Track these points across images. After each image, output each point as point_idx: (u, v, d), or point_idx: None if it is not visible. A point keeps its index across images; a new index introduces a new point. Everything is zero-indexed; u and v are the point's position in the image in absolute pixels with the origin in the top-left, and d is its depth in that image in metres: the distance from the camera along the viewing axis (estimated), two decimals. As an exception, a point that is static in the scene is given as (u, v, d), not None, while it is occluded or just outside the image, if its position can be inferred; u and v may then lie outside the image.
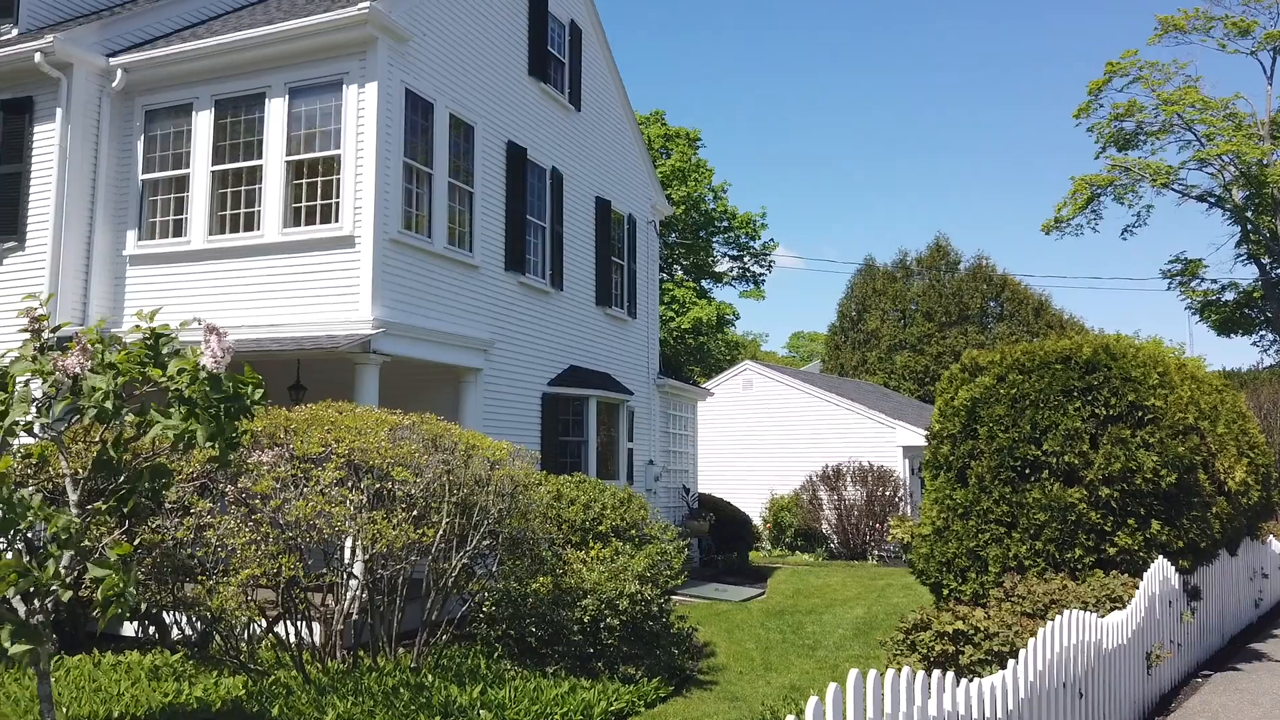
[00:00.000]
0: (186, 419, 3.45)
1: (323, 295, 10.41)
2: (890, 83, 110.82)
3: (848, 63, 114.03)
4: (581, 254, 15.19)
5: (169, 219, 11.37)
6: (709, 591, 14.36)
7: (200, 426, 3.46)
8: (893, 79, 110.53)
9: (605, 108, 16.40)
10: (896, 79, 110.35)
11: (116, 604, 3.21)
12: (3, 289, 11.06)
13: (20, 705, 6.01)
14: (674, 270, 37.74)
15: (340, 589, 7.26)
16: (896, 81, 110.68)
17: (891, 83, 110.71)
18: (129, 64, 11.31)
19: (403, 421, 7.77)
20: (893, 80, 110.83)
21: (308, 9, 11.24)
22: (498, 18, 13.06)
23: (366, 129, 10.32)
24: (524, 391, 13.25)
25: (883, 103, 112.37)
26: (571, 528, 9.09)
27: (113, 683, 6.44)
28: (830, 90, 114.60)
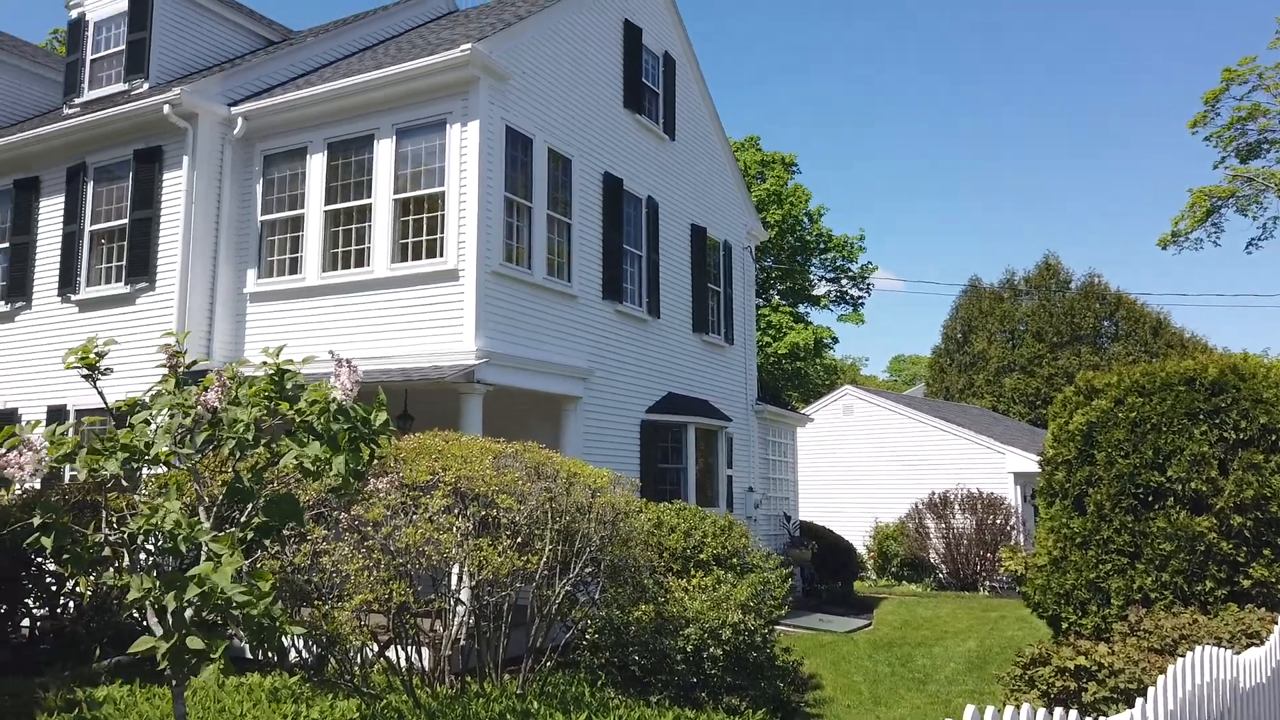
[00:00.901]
0: (324, 449, 3.61)
1: (429, 327, 10.72)
2: (992, 99, 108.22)
3: (946, 79, 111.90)
4: (677, 281, 15.26)
5: (285, 257, 11.92)
6: (813, 622, 14.08)
7: (340, 456, 3.61)
8: (994, 94, 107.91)
9: (699, 135, 16.50)
10: (998, 94, 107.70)
11: (272, 630, 3.35)
12: (136, 326, 11.77)
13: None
14: (770, 295, 37.51)
15: (448, 615, 7.40)
16: (998, 97, 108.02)
17: (993, 99, 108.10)
18: (248, 112, 11.96)
19: (506, 450, 7.90)
20: (994, 96, 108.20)
21: (412, 53, 11.70)
22: (593, 53, 13.33)
23: (469, 166, 10.63)
24: (622, 419, 13.33)
25: (984, 120, 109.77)
26: (672, 555, 9.06)
27: (235, 703, 6.70)
28: (929, 109, 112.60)
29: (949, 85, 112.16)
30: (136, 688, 7.37)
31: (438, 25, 14.95)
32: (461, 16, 15.14)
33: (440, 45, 11.52)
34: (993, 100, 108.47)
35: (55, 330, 12.85)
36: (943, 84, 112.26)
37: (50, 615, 9.59)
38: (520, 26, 11.62)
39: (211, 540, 3.55)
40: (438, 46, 11.49)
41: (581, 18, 13.08)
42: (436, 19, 16.04)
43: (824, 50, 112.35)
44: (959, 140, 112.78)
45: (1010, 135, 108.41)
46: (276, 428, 3.87)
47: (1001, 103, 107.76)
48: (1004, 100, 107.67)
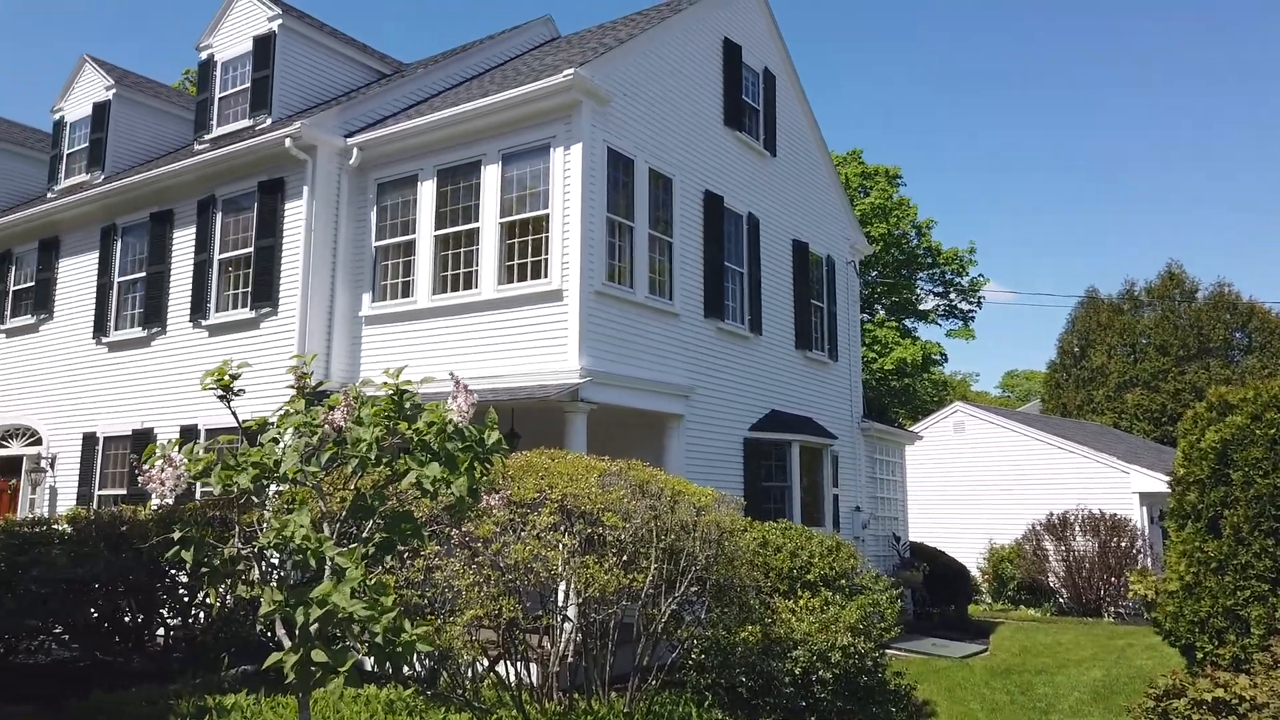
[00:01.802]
0: (443, 470, 3.72)
1: (534, 347, 10.91)
2: (1107, 102, 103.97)
3: (1057, 83, 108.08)
4: (779, 297, 15.13)
5: (398, 281, 12.34)
6: (925, 646, 13.66)
7: (461, 478, 3.72)
8: (1110, 98, 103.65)
9: (800, 151, 16.37)
10: (1114, 98, 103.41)
11: (394, 646, 3.45)
12: (260, 348, 12.36)
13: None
14: (875, 310, 36.79)
15: (555, 631, 7.48)
16: (1113, 101, 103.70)
17: (1108, 102, 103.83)
18: (363, 142, 12.46)
19: (610, 468, 7.95)
20: (1109, 100, 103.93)
21: (517, 80, 11.99)
22: (693, 73, 13.40)
23: (572, 188, 10.81)
24: (725, 437, 13.26)
25: (1097, 126, 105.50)
26: (779, 576, 8.94)
27: (354, 714, 6.92)
28: (1039, 115, 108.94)
29: (1060, 91, 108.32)
30: (261, 697, 7.68)
31: (540, 52, 15.30)
32: (563, 42, 15.45)
33: (543, 71, 11.78)
34: (1108, 104, 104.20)
35: (187, 354, 13.61)
36: (1053, 89, 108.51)
37: (182, 625, 10.11)
38: (621, 50, 11.79)
39: (337, 555, 3.69)
40: (540, 73, 11.75)
41: (681, 38, 13.18)
42: (539, 46, 16.42)
43: (928, 60, 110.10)
44: (1071, 147, 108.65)
45: (1127, 140, 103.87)
46: (393, 446, 4.01)
47: (1117, 107, 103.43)
48: (1120, 104, 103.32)
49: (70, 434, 14.99)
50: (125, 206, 14.87)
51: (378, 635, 3.52)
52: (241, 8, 14.93)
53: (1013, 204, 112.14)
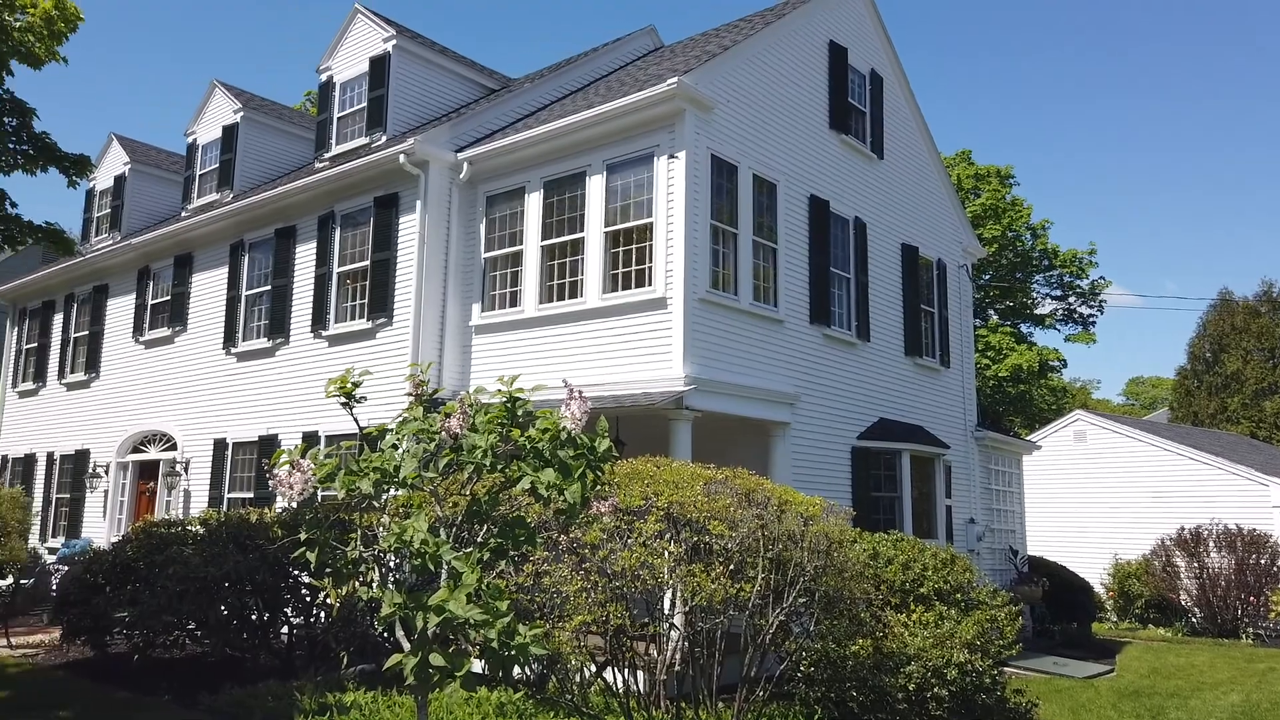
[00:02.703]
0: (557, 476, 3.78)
1: (638, 354, 10.97)
2: (1233, 94, 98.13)
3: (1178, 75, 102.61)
4: (888, 303, 14.80)
5: (506, 291, 12.60)
6: (1047, 665, 13.09)
7: (575, 484, 3.77)
8: (1234, 89, 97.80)
9: (908, 153, 16.00)
10: (1238, 89, 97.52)
11: (507, 651, 3.52)
12: (376, 357, 12.81)
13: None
14: (988, 315, 35.60)
15: (662, 639, 7.47)
16: (1240, 93, 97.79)
17: (1235, 94, 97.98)
18: (472, 157, 12.79)
19: (716, 476, 7.90)
20: (1236, 91, 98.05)
21: (621, 91, 12.10)
22: (797, 77, 13.26)
23: (676, 196, 10.83)
24: (832, 445, 13.03)
25: (1226, 117, 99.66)
26: (890, 589, 8.71)
27: (466, 715, 7.07)
28: (1162, 109, 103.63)
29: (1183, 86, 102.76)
30: (379, 695, 7.93)
31: (644, 62, 15.40)
32: (666, 52, 15.52)
33: (647, 81, 11.85)
34: (1236, 97, 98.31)
35: (309, 363, 14.21)
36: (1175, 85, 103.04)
37: (304, 624, 10.54)
38: (724, 57, 11.76)
39: (454, 559, 3.77)
40: (644, 83, 11.82)
41: (785, 44, 13.06)
42: (642, 56, 16.53)
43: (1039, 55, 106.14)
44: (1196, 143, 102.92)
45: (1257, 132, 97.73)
46: (506, 453, 4.08)
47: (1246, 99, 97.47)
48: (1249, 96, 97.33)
49: (202, 440, 15.83)
50: (252, 223, 15.66)
51: (493, 639, 3.58)
52: (358, 30, 15.55)
53: (1136, 204, 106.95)
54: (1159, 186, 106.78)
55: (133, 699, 9.09)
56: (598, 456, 3.90)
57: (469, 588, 3.67)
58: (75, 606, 10.46)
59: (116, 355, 18.39)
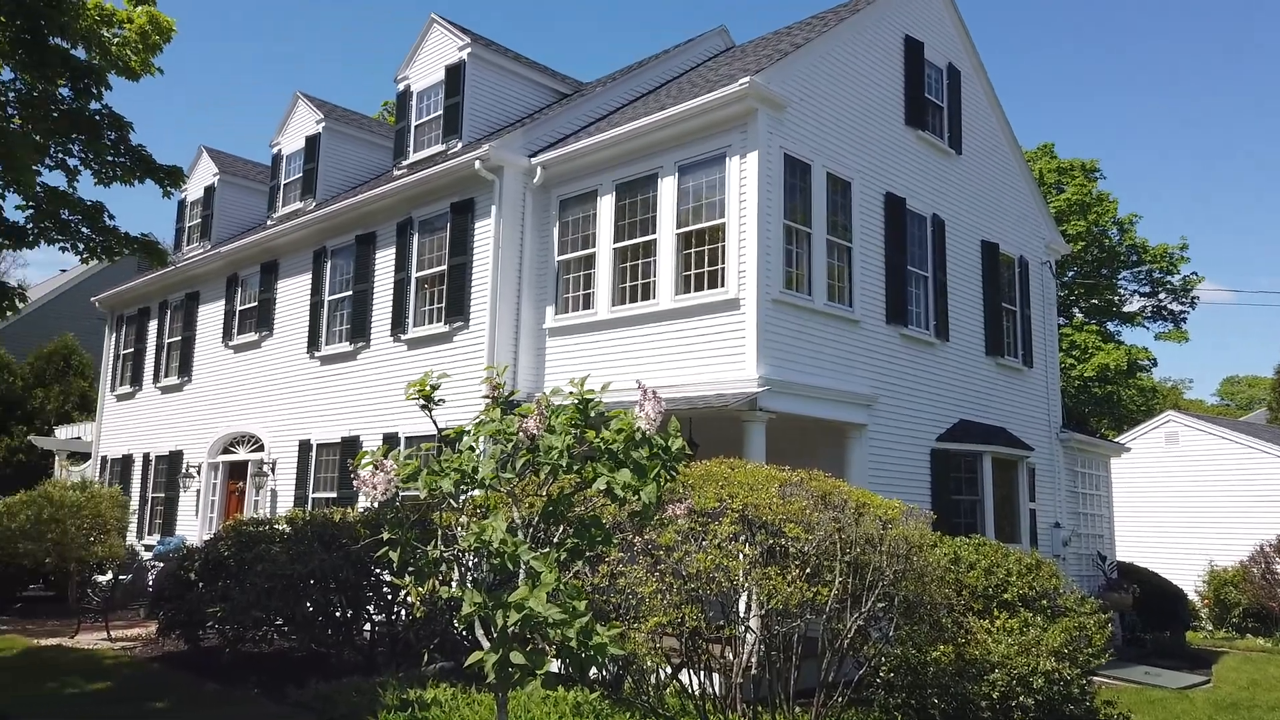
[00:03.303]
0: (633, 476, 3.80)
1: (711, 356, 10.93)
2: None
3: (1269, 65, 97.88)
4: (967, 301, 14.46)
5: (579, 294, 12.69)
6: (1137, 675, 12.62)
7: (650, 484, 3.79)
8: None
9: (988, 148, 15.61)
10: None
11: (584, 652, 3.56)
12: (453, 360, 13.03)
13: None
14: (1073, 313, 34.51)
15: (737, 642, 7.42)
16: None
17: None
18: (545, 161, 12.92)
19: (791, 478, 7.83)
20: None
21: (692, 92, 12.09)
22: (872, 73, 13.05)
23: (748, 196, 10.76)
24: (910, 447, 12.79)
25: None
26: (972, 594, 8.50)
27: (544, 714, 7.13)
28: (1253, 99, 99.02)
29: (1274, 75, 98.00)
30: (459, 692, 8.05)
31: (715, 63, 15.36)
32: (738, 52, 15.45)
33: (718, 82, 11.81)
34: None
35: (388, 366, 14.54)
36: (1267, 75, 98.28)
37: (386, 621, 10.77)
38: (796, 55, 11.65)
39: (532, 559, 3.82)
40: (715, 84, 11.78)
41: (859, 40, 12.88)
42: (714, 56, 16.49)
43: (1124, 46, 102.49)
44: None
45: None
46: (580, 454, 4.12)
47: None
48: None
49: (288, 441, 16.32)
50: (333, 231, 16.09)
51: (571, 639, 3.61)
52: (434, 39, 15.86)
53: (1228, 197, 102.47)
54: (1253, 179, 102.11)
55: (223, 692, 9.42)
56: (671, 456, 3.90)
57: (548, 586, 3.71)
58: (170, 602, 10.88)
59: (207, 359, 19.09)
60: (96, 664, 11.05)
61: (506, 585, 3.98)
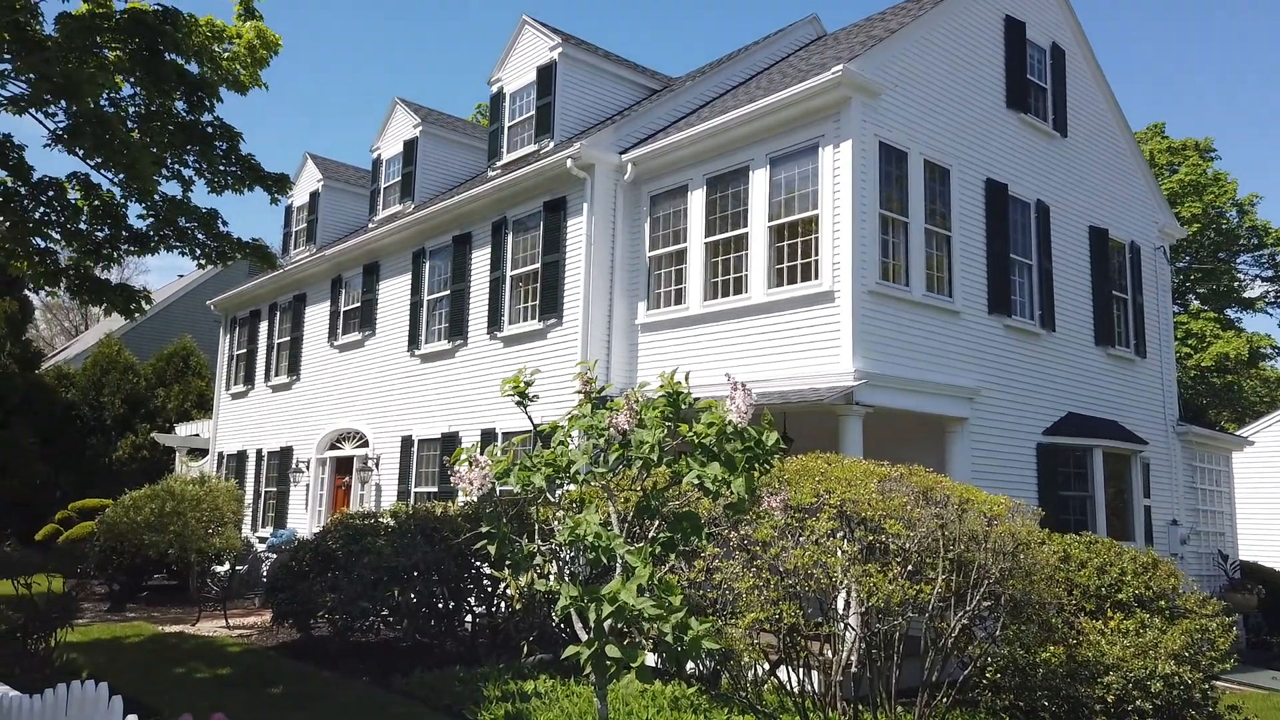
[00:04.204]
0: (723, 470, 3.79)
1: (805, 349, 10.78)
2: None
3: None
4: (1075, 290, 13.90)
5: (670, 289, 12.70)
6: (1264, 680, 11.94)
7: (740, 477, 3.77)
8: None
9: (1095, 129, 14.96)
10: None
11: (681, 646, 3.57)
12: (547, 357, 13.21)
13: (572, 719, 6.95)
14: (1188, 301, 32.83)
15: (837, 640, 7.31)
16: None
17: None
18: (636, 158, 12.96)
19: (890, 473, 7.67)
20: None
21: (783, 83, 11.94)
22: (970, 56, 12.66)
23: (842, 186, 10.58)
24: (1015, 442, 12.37)
25: None
26: (1083, 594, 8.17)
27: (641, 708, 7.17)
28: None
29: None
30: (558, 684, 8.17)
31: (806, 52, 15.14)
32: (830, 40, 15.19)
33: (809, 71, 11.63)
34: None
35: (485, 363, 14.83)
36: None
37: (486, 613, 11.01)
38: (890, 41, 11.38)
39: (626, 552, 3.83)
40: (807, 73, 11.61)
41: (956, 23, 12.50)
42: (805, 46, 16.25)
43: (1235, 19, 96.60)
44: None
45: None
46: (673, 449, 4.11)
47: None
48: None
49: (390, 437, 16.82)
50: (431, 232, 16.49)
51: (666, 633, 3.61)
52: (525, 40, 16.08)
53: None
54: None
55: (334, 679, 9.78)
56: (766, 450, 3.86)
57: (641, 580, 3.72)
58: (283, 592, 11.35)
59: (314, 359, 19.83)
60: (217, 650, 11.61)
61: (602, 579, 4.02)
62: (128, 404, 25.56)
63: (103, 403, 25.37)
